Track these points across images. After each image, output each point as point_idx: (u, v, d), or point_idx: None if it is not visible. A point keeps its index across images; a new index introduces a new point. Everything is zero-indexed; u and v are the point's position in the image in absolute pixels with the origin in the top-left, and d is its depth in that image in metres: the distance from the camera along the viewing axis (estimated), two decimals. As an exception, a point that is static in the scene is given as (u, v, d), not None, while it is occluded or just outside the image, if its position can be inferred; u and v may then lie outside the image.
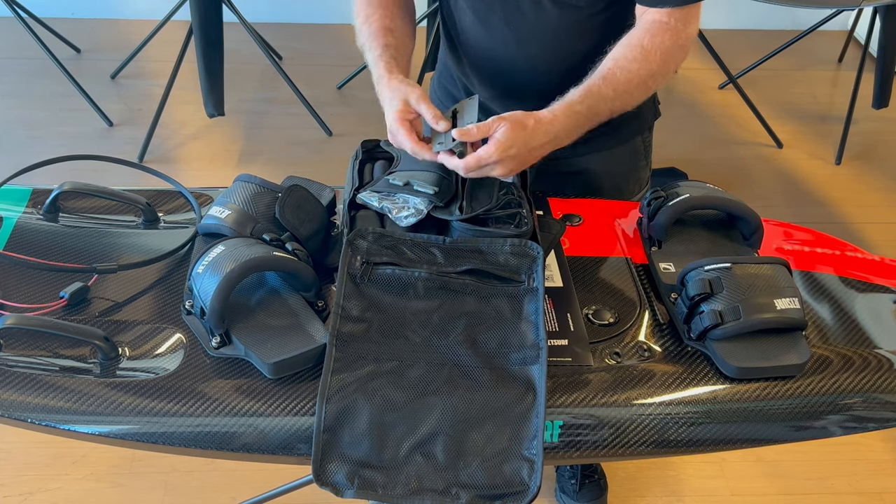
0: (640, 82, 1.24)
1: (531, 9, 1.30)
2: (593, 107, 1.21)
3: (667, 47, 1.24)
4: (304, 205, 1.22)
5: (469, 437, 1.00)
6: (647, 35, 1.24)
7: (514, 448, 1.00)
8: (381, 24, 1.32)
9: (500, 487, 0.99)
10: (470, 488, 0.98)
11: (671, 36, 1.24)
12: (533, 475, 0.99)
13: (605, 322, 1.16)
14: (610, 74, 1.23)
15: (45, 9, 3.55)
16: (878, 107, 3.05)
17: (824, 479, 2.02)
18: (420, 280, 1.12)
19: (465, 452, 1.00)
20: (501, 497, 0.98)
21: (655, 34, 1.24)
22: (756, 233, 1.27)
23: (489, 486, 0.98)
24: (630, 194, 1.54)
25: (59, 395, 1.03)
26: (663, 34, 1.24)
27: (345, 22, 3.80)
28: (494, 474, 0.99)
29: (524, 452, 1.00)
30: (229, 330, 1.08)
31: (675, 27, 1.24)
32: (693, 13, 1.25)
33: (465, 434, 1.00)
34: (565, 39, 1.33)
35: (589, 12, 1.30)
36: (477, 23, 1.36)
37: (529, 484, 0.99)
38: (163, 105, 2.99)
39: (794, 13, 3.81)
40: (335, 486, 0.98)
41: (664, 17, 1.24)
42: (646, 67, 1.23)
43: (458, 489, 0.98)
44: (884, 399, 1.10)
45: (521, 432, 1.01)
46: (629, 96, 1.25)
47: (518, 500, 0.98)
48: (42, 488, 1.92)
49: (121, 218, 1.33)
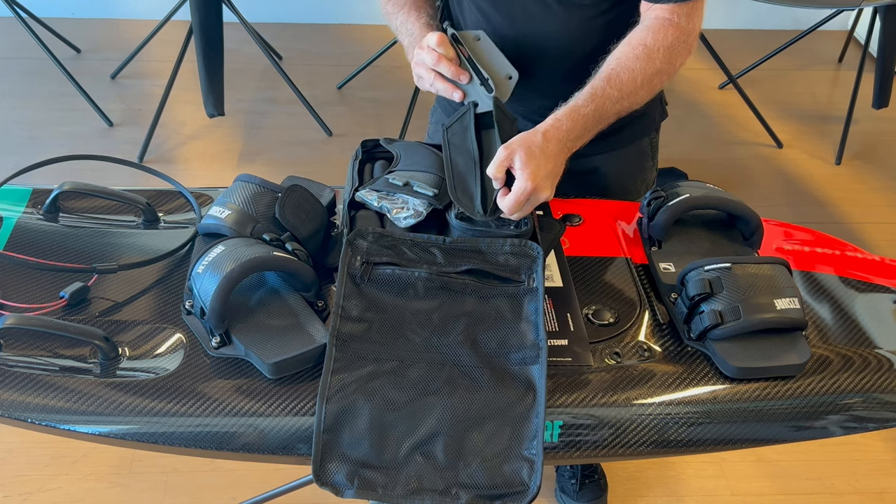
0: (645, 81, 1.24)
1: (536, 8, 1.30)
2: (599, 108, 1.21)
3: (670, 44, 1.24)
4: (304, 205, 1.22)
5: (469, 437, 1.00)
6: (649, 33, 1.24)
7: (514, 448, 1.00)
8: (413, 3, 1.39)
9: (500, 487, 0.99)
10: (470, 488, 0.98)
11: (675, 32, 1.24)
12: (533, 475, 0.99)
13: (605, 322, 1.16)
14: (614, 75, 1.23)
15: (45, 9, 3.55)
16: (878, 107, 3.05)
17: (824, 479, 2.02)
18: (420, 280, 1.12)
19: (465, 452, 1.00)
20: (501, 497, 0.98)
21: (658, 31, 1.24)
22: (756, 233, 1.27)
23: (489, 486, 0.98)
24: (637, 194, 1.54)
25: (59, 395, 1.03)
26: (666, 31, 1.24)
27: (345, 22, 3.83)
28: (494, 474, 0.99)
29: (524, 452, 1.00)
30: (229, 330, 1.08)
31: (678, 23, 1.24)
32: (697, 8, 1.25)
33: (465, 434, 1.00)
34: (571, 38, 1.33)
35: (594, 11, 1.30)
36: (482, 21, 1.36)
37: (529, 484, 0.99)
38: (163, 105, 2.99)
39: (794, 13, 3.81)
40: (335, 486, 0.98)
41: (667, 13, 1.24)
42: (650, 66, 1.23)
43: (459, 489, 0.98)
44: (884, 399, 1.10)
45: (521, 432, 1.01)
46: (635, 96, 1.25)
47: (518, 500, 0.98)
48: (42, 488, 1.92)
49: (121, 218, 1.33)
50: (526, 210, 1.14)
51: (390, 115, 3.07)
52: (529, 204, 1.13)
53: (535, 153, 1.13)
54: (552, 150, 1.15)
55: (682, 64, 1.29)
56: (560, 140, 1.17)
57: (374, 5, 1.47)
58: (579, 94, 1.22)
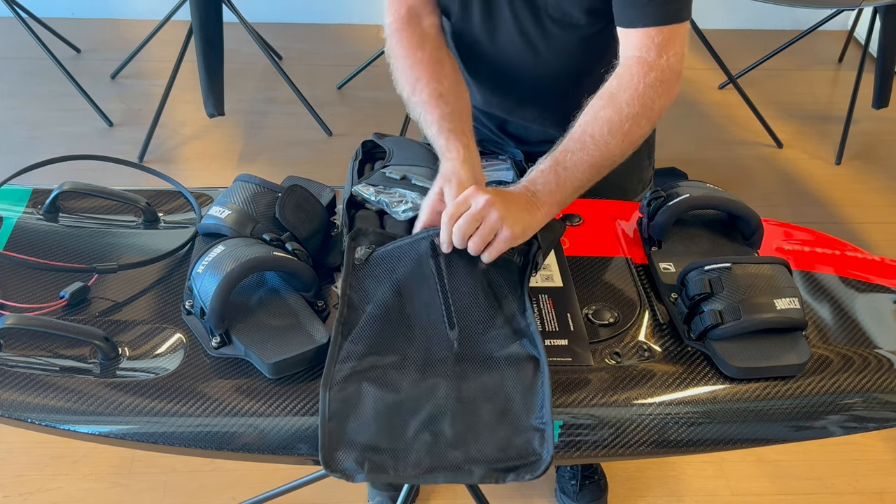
0: (614, 129, 1.17)
1: (534, 27, 1.32)
2: (559, 161, 1.16)
3: (637, 82, 1.18)
4: (304, 205, 1.22)
5: (476, 412, 1.00)
6: (615, 80, 1.20)
7: (523, 419, 1.00)
8: (430, 90, 1.25)
9: (513, 459, 0.98)
10: (482, 463, 0.98)
11: (643, 70, 1.19)
12: (545, 444, 0.98)
13: (605, 322, 1.16)
14: (579, 130, 1.18)
15: (45, 9, 3.55)
16: (878, 107, 3.05)
17: (824, 479, 2.02)
18: (422, 255, 1.11)
19: (474, 427, 0.99)
20: (515, 469, 0.98)
21: (623, 75, 1.20)
22: (756, 233, 1.27)
23: (502, 458, 0.98)
24: (634, 193, 1.54)
25: (59, 395, 1.03)
26: (632, 72, 1.19)
27: (345, 22, 3.84)
28: (506, 447, 0.98)
29: (533, 422, 1.00)
30: (229, 330, 1.08)
31: (648, 60, 1.20)
32: (670, 41, 1.20)
33: (472, 409, 1.00)
34: (569, 54, 1.34)
35: (589, 31, 1.31)
36: (485, 35, 1.37)
37: (542, 453, 0.98)
38: (163, 105, 2.99)
39: (794, 13, 3.81)
40: (345, 472, 0.98)
41: (636, 50, 1.21)
42: (616, 113, 1.17)
43: (471, 464, 0.98)
44: (884, 399, 1.10)
45: (528, 402, 1.01)
46: (608, 146, 1.17)
47: (532, 470, 0.97)
48: (42, 488, 1.92)
49: (121, 218, 1.33)
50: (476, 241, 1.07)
51: (390, 115, 3.07)
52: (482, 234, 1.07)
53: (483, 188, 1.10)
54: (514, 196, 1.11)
55: (665, 105, 1.21)
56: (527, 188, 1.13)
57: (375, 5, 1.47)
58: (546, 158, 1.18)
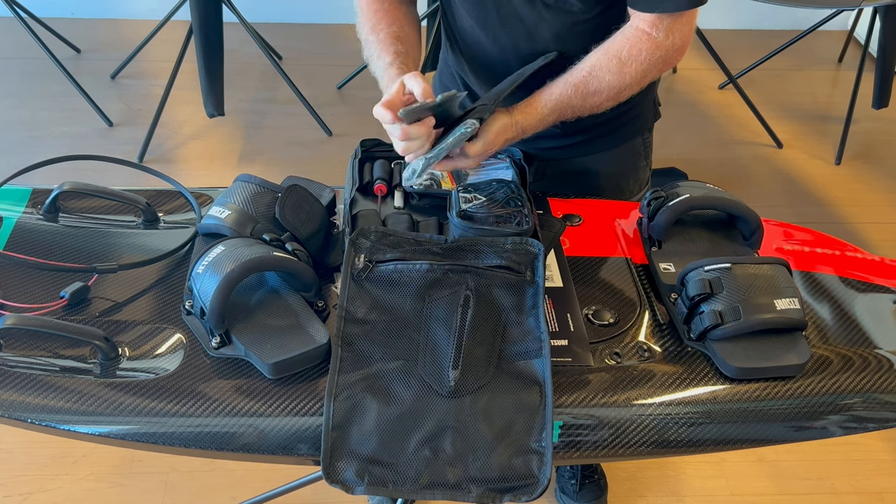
0: (612, 94, 1.27)
1: (527, 12, 1.31)
2: (560, 112, 1.27)
3: (644, 59, 1.24)
4: (304, 205, 1.22)
5: (477, 431, 1.00)
6: (626, 45, 1.24)
7: (523, 441, 1.00)
8: (389, 32, 1.34)
9: (510, 480, 0.99)
10: (480, 482, 0.98)
11: (651, 47, 1.23)
12: (542, 468, 0.99)
13: (605, 322, 1.16)
14: (582, 84, 1.26)
15: (45, 9, 3.55)
16: (878, 107, 3.05)
17: (824, 479, 2.02)
18: (422, 273, 1.11)
19: (474, 446, 1.00)
20: (512, 490, 0.98)
21: (634, 45, 1.24)
22: (756, 233, 1.27)
23: (499, 479, 0.99)
24: (631, 194, 1.54)
25: (59, 395, 1.03)
26: (641, 45, 1.23)
27: (345, 22, 3.84)
28: (504, 467, 0.99)
29: (533, 445, 1.00)
30: (229, 330, 1.07)
31: (656, 38, 1.23)
32: (679, 24, 1.23)
33: (473, 428, 1.00)
34: (561, 41, 1.33)
35: (583, 17, 1.30)
36: (475, 25, 1.36)
37: (539, 476, 0.99)
38: (163, 105, 2.99)
39: (794, 13, 3.81)
40: (345, 483, 0.98)
41: (647, 26, 1.23)
42: (619, 80, 1.25)
43: (469, 483, 0.98)
44: (884, 399, 1.10)
45: (530, 425, 1.01)
46: (598, 107, 1.29)
47: (528, 492, 0.98)
48: (42, 488, 1.92)
49: (121, 218, 1.33)
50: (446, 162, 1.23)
51: (390, 115, 3.07)
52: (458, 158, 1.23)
53: None
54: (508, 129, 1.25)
55: (654, 79, 1.32)
56: (509, 129, 1.25)
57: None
58: (546, 92, 1.26)
